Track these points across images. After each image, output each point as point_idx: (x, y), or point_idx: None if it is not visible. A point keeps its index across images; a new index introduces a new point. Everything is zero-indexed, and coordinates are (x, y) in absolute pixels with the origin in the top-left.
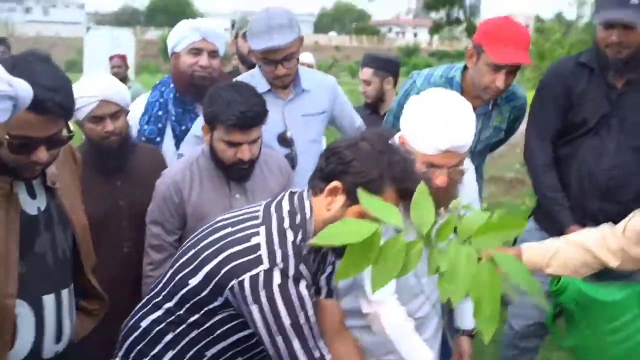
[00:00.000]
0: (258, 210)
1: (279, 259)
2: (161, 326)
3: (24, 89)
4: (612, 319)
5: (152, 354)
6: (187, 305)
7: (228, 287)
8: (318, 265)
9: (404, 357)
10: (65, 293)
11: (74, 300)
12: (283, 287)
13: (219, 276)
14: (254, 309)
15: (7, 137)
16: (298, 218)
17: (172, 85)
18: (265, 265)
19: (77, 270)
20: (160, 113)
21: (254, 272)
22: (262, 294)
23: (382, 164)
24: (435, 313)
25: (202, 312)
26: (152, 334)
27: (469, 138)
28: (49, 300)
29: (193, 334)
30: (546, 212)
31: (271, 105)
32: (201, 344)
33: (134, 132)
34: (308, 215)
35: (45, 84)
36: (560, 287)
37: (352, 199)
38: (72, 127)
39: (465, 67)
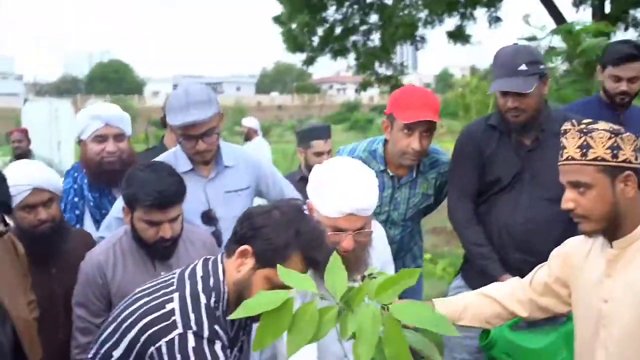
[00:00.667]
0: (173, 278)
1: (192, 322)
2: None
3: None
4: None
5: None
6: None
7: (148, 355)
8: (239, 326)
9: None
10: None
11: None
12: (198, 349)
13: (139, 344)
14: None
15: None
16: (211, 281)
17: (84, 171)
18: (180, 329)
19: None
20: (76, 199)
21: (169, 337)
22: (178, 358)
23: (289, 233)
24: None
25: None
26: None
27: (371, 201)
28: None
29: None
30: (474, 270)
31: (193, 184)
32: None
33: None
34: (221, 277)
35: None
36: (490, 341)
37: (260, 263)
38: (8, 220)
39: (386, 140)
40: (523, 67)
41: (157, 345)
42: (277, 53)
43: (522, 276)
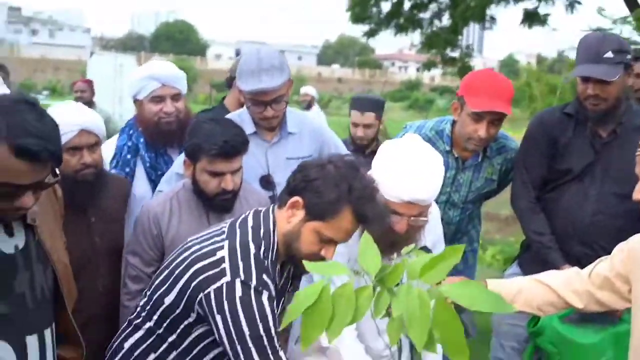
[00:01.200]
0: (224, 227)
1: (241, 271)
2: (143, 347)
3: None
4: None
5: None
6: (165, 324)
7: (197, 301)
8: (289, 275)
9: None
10: (48, 333)
11: (55, 341)
12: (245, 298)
13: (190, 290)
14: (219, 319)
15: None
16: (262, 231)
17: (140, 129)
18: (228, 277)
19: (56, 311)
20: (129, 157)
21: (217, 284)
22: (225, 305)
23: (342, 188)
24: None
25: (179, 330)
26: (134, 356)
27: (433, 192)
28: (32, 341)
29: (173, 355)
30: (531, 259)
31: (255, 147)
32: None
33: None
34: (271, 227)
35: (37, 133)
36: (539, 328)
37: (311, 215)
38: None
39: (455, 120)
40: (609, 54)
41: (206, 292)
42: (341, 25)
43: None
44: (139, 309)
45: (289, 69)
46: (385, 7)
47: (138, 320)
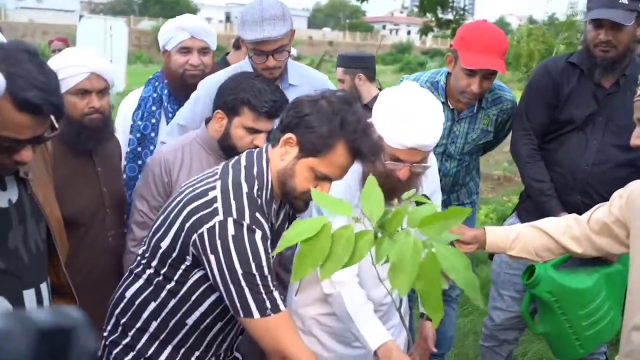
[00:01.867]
0: (217, 169)
1: (233, 209)
2: (143, 295)
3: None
4: (585, 305)
5: (137, 326)
6: (163, 270)
7: (191, 242)
8: (284, 221)
9: (364, 335)
10: (44, 287)
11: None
12: (237, 237)
13: (184, 232)
14: (212, 258)
15: None
16: (255, 170)
17: (165, 81)
18: (221, 216)
19: (50, 265)
20: (154, 108)
21: (210, 224)
22: (218, 244)
23: (334, 122)
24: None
25: (177, 275)
26: (135, 306)
27: (435, 138)
28: (29, 295)
29: (172, 303)
30: (530, 209)
31: None
32: (181, 312)
33: (127, 126)
34: (264, 166)
35: (39, 85)
36: (534, 280)
37: (304, 152)
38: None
39: (449, 72)
40: (624, 0)
41: (199, 232)
42: None
43: None
44: (138, 257)
45: (291, 19)
46: None
47: (138, 269)
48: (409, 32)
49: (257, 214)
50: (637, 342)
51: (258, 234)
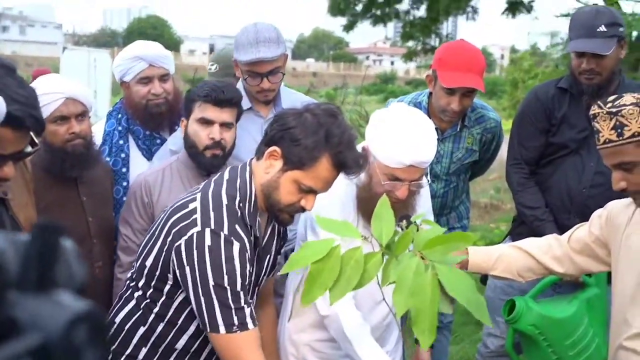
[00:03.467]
0: (201, 184)
1: (212, 220)
2: (133, 320)
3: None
4: (570, 334)
5: (127, 353)
6: (149, 292)
7: (171, 258)
8: (273, 236)
9: (362, 357)
10: None
11: None
12: (213, 247)
13: (166, 247)
14: (187, 270)
15: None
16: (238, 182)
17: (130, 114)
18: (198, 227)
19: None
20: (121, 142)
21: (188, 235)
22: (194, 255)
23: (319, 135)
24: (395, 325)
25: (162, 299)
26: (124, 331)
27: (431, 153)
28: None
29: (160, 327)
30: (524, 234)
31: (251, 123)
32: (169, 337)
33: None
34: (248, 179)
35: (20, 99)
36: (515, 315)
37: (289, 165)
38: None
39: (431, 92)
40: (602, 28)
41: (176, 244)
42: (314, 20)
43: None
44: (127, 280)
45: (284, 43)
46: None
47: (127, 293)
48: (392, 63)
49: (237, 226)
50: None
51: (236, 246)
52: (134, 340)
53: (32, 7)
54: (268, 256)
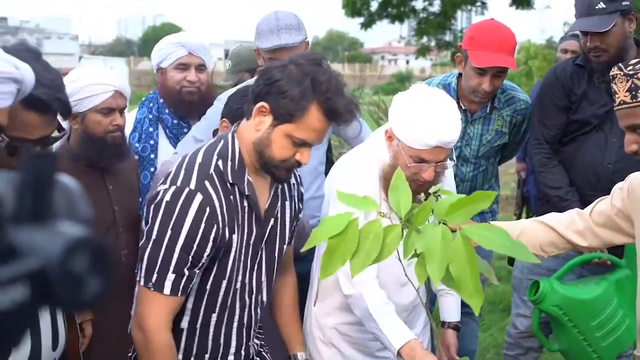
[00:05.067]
0: None
1: (180, 178)
2: None
3: (29, 74)
4: (596, 315)
5: None
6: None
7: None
8: (276, 196)
9: (386, 335)
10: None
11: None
12: (171, 202)
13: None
14: (147, 228)
15: (6, 138)
16: (219, 146)
17: (161, 101)
18: (166, 185)
19: None
20: (151, 129)
21: (154, 195)
22: (151, 211)
23: (305, 83)
24: (422, 308)
25: None
26: None
27: (457, 133)
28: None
29: (190, 300)
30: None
31: None
32: (203, 304)
33: None
34: (230, 139)
35: (46, 82)
36: (539, 296)
37: (279, 119)
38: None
39: (460, 74)
40: (601, 5)
41: (148, 203)
42: (329, 21)
43: None
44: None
45: (305, 30)
46: None
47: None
48: (407, 62)
49: (206, 182)
50: None
51: (196, 200)
52: None
53: (48, 20)
54: (273, 219)
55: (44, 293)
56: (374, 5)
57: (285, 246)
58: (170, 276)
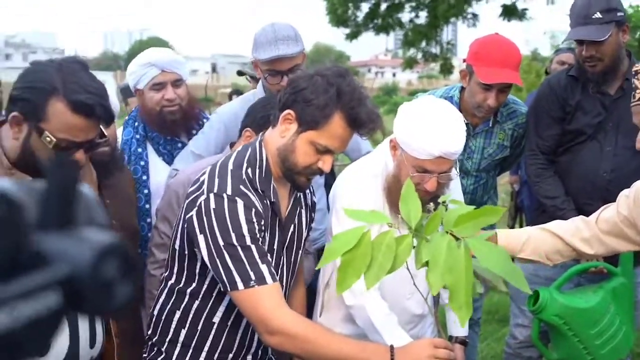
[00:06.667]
0: None
1: (215, 185)
2: (168, 307)
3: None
4: (595, 323)
5: (167, 340)
6: (183, 278)
7: (188, 230)
8: (296, 205)
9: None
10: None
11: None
12: (218, 209)
13: (182, 221)
14: (201, 239)
15: (54, 139)
16: (247, 153)
17: (146, 121)
18: (204, 195)
19: None
20: (140, 150)
21: (197, 204)
22: (204, 221)
23: (330, 93)
24: (431, 318)
25: (196, 279)
26: (163, 320)
27: (460, 144)
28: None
29: (196, 305)
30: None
31: None
32: (206, 311)
33: None
34: (257, 146)
35: (92, 90)
36: (539, 306)
37: (303, 126)
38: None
39: (463, 87)
40: (597, 15)
41: (189, 215)
42: (315, 34)
43: None
44: (162, 275)
45: (302, 41)
46: (364, 8)
47: (162, 285)
48: (394, 74)
49: (241, 187)
50: None
51: (240, 204)
52: (173, 325)
53: (34, 35)
54: (292, 225)
55: (75, 299)
56: (360, 16)
57: (301, 252)
58: (263, 267)
